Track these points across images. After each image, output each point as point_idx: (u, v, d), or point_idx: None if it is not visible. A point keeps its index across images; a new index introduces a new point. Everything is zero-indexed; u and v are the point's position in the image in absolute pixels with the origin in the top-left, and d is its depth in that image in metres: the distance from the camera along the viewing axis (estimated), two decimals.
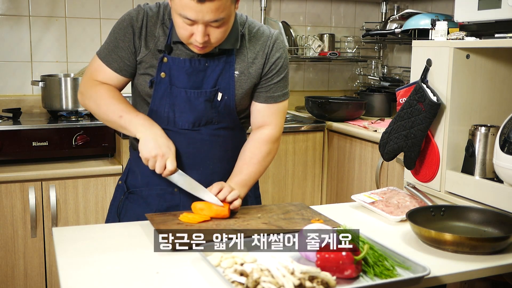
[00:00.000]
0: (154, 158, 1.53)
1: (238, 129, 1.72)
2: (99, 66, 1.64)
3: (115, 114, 1.59)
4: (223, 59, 1.61)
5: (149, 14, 1.60)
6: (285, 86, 1.71)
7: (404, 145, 1.93)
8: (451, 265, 1.30)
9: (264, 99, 1.68)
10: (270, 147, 1.70)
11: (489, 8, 1.89)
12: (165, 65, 1.59)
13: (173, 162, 1.54)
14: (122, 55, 1.61)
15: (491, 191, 1.73)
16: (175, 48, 1.60)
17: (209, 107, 1.62)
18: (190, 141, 1.64)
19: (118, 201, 1.74)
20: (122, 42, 1.60)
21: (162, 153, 1.53)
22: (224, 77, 1.61)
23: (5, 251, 2.45)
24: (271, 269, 1.11)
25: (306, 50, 3.55)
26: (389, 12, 3.77)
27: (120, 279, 1.20)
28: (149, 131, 1.55)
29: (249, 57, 1.63)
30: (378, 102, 3.33)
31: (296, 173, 3.07)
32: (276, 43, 1.66)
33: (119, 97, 1.63)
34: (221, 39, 1.53)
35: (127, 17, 1.62)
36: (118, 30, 1.62)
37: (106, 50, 1.63)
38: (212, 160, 1.67)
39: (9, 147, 2.51)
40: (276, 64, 1.65)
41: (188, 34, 1.49)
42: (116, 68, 1.63)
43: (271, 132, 1.70)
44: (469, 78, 1.91)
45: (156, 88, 1.61)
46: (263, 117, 1.70)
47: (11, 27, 3.02)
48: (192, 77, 1.60)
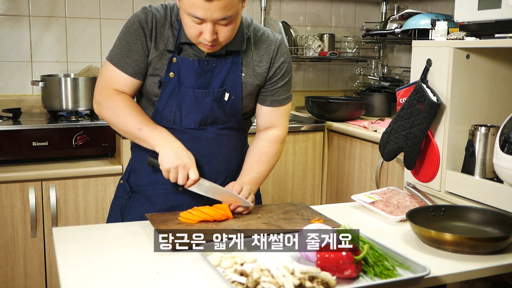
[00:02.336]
0: (175, 169, 1.53)
1: (241, 130, 1.75)
2: (112, 72, 1.63)
3: (134, 127, 1.59)
4: (230, 60, 1.63)
5: (157, 16, 1.61)
6: (289, 89, 1.76)
7: (404, 145, 1.93)
8: (451, 265, 1.30)
9: (270, 102, 1.72)
10: (278, 147, 1.75)
11: (489, 8, 1.89)
12: (174, 65, 1.60)
13: (195, 171, 1.55)
14: (136, 58, 1.61)
15: (491, 191, 1.73)
16: (184, 49, 1.62)
17: (216, 107, 1.64)
18: (195, 140, 1.65)
19: (121, 200, 1.74)
20: (135, 46, 1.60)
21: (184, 163, 1.53)
22: (231, 78, 1.64)
23: (5, 251, 2.45)
24: (271, 269, 1.11)
25: (306, 50, 3.55)
26: (389, 12, 3.77)
27: (120, 279, 1.20)
28: (168, 144, 1.56)
29: (255, 59, 1.66)
30: (378, 102, 3.33)
31: (296, 173, 3.07)
32: (280, 48, 1.70)
33: (137, 109, 1.63)
34: (229, 38, 1.54)
35: (136, 19, 1.61)
36: (129, 33, 1.61)
37: (119, 56, 1.62)
38: (217, 159, 1.69)
39: (9, 147, 2.51)
40: (280, 69, 1.69)
41: (197, 33, 1.50)
42: (131, 73, 1.62)
43: (279, 133, 1.75)
44: (469, 78, 1.91)
45: (164, 88, 1.62)
46: (269, 119, 1.74)
47: (11, 27, 3.02)
48: (200, 77, 1.62)
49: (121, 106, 1.60)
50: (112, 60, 1.63)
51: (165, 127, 1.63)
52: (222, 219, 1.52)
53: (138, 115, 1.60)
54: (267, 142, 1.73)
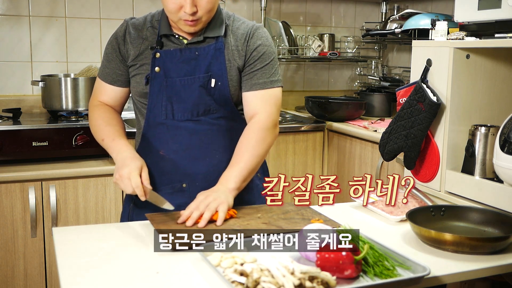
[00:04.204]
0: (120, 179, 1.52)
1: (239, 120, 1.72)
2: (98, 84, 1.77)
3: (99, 137, 1.69)
4: (212, 47, 1.66)
5: (135, 23, 1.71)
6: (272, 74, 1.69)
7: (404, 145, 1.93)
8: (451, 265, 1.30)
9: (250, 86, 1.68)
10: (262, 134, 1.65)
11: (489, 8, 1.89)
12: (158, 60, 1.64)
13: (135, 178, 1.50)
14: (113, 66, 1.71)
15: (491, 191, 1.73)
16: (164, 43, 1.66)
17: (204, 94, 1.65)
18: (191, 133, 1.66)
19: (127, 210, 1.74)
20: (111, 55, 1.72)
21: (128, 172, 1.51)
22: (215, 64, 1.65)
23: (5, 251, 2.45)
24: (271, 269, 1.11)
25: (306, 50, 3.55)
26: (389, 12, 3.77)
27: (120, 279, 1.20)
28: (120, 156, 1.59)
29: (232, 45, 1.67)
30: (378, 102, 3.33)
31: (296, 173, 3.07)
32: (257, 32, 1.70)
33: (110, 120, 1.70)
34: (209, 10, 1.59)
35: (113, 34, 1.74)
36: (108, 46, 1.74)
37: (101, 68, 1.75)
38: (217, 150, 1.68)
39: (9, 147, 2.51)
40: (257, 51, 1.68)
41: (177, 7, 1.55)
42: (110, 81, 1.72)
43: (261, 118, 1.66)
44: (469, 78, 1.91)
45: (152, 84, 1.65)
46: (251, 106, 1.68)
47: (11, 27, 3.02)
48: (185, 65, 1.65)
49: (96, 117, 1.71)
50: (98, 73, 1.77)
51: (160, 124, 1.66)
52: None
53: (105, 126, 1.68)
54: (247, 131, 1.66)
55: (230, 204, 1.53)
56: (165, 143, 1.67)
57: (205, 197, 1.52)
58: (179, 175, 1.66)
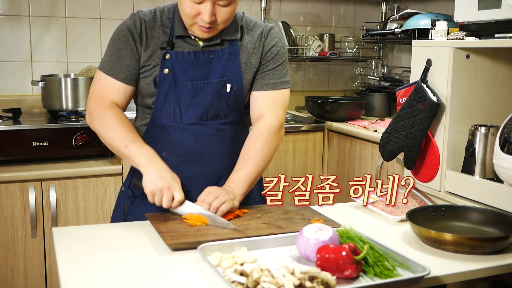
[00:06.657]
0: (160, 192, 1.49)
1: (243, 124, 1.72)
2: (104, 81, 1.62)
3: (122, 143, 1.57)
4: (227, 50, 1.62)
5: (146, 19, 1.61)
6: (283, 75, 1.69)
7: (404, 145, 1.93)
8: (451, 265, 1.30)
9: (260, 86, 1.66)
10: (269, 137, 1.64)
11: (489, 8, 1.89)
12: (167, 61, 1.59)
13: (180, 193, 1.51)
14: (127, 63, 1.60)
15: (491, 191, 1.73)
16: (177, 44, 1.61)
17: (217, 99, 1.62)
18: (197, 137, 1.63)
19: (122, 208, 1.72)
20: (124, 51, 1.60)
21: (168, 185, 1.50)
22: (230, 68, 1.62)
23: (5, 251, 2.45)
24: (271, 269, 1.11)
25: (306, 50, 3.55)
26: (389, 12, 3.77)
27: (120, 279, 1.20)
28: (154, 165, 1.52)
29: (249, 47, 1.65)
30: (378, 102, 3.33)
31: (296, 173, 3.07)
32: (270, 32, 1.69)
33: (128, 125, 1.60)
34: (228, 20, 1.54)
35: (124, 26, 1.62)
36: (118, 40, 1.61)
37: (109, 63, 1.62)
38: (220, 155, 1.67)
39: (9, 147, 2.51)
40: (272, 52, 1.67)
41: (194, 13, 1.50)
42: (123, 78, 1.61)
43: (268, 121, 1.65)
44: (469, 78, 1.91)
45: (160, 86, 1.60)
46: (259, 107, 1.67)
47: (11, 27, 3.02)
48: (198, 69, 1.60)
49: (112, 120, 1.58)
50: (103, 68, 1.62)
51: (166, 126, 1.62)
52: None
53: (127, 132, 1.58)
54: (254, 134, 1.65)
55: (234, 207, 1.54)
56: (169, 145, 1.64)
57: (215, 189, 1.53)
58: (180, 178, 1.64)
